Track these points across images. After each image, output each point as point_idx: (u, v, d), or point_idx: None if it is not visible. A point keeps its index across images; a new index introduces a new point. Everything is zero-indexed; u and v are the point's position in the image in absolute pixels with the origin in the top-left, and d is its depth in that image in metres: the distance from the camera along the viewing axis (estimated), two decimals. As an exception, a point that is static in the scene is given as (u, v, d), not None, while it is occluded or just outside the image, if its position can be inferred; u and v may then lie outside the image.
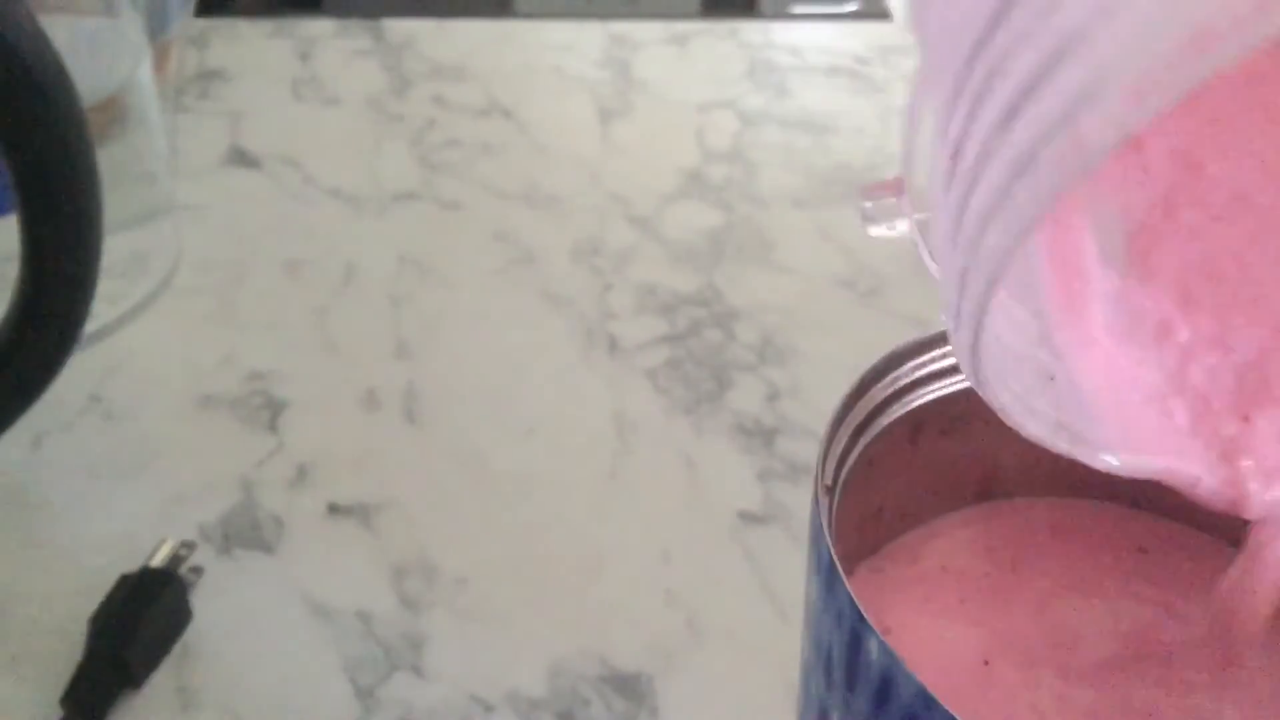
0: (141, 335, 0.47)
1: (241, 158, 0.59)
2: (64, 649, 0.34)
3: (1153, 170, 0.19)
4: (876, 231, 0.19)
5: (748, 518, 0.40)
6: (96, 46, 0.45)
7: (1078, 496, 0.27)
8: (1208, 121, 0.18)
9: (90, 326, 0.37)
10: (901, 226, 0.19)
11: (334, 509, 0.40)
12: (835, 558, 0.20)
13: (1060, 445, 0.20)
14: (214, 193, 0.56)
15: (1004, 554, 0.26)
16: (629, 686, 0.35)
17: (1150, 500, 0.27)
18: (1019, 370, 0.19)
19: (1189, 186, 0.19)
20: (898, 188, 0.18)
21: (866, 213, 0.19)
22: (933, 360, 0.25)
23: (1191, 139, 0.19)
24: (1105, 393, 0.20)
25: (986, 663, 0.23)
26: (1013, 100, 0.15)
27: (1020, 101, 0.15)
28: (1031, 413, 0.19)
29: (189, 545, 0.37)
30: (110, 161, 0.37)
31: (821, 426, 0.23)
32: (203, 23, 0.70)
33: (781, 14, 0.75)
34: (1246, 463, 0.20)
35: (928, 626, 0.24)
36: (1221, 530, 0.27)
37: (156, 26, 0.47)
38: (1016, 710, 0.23)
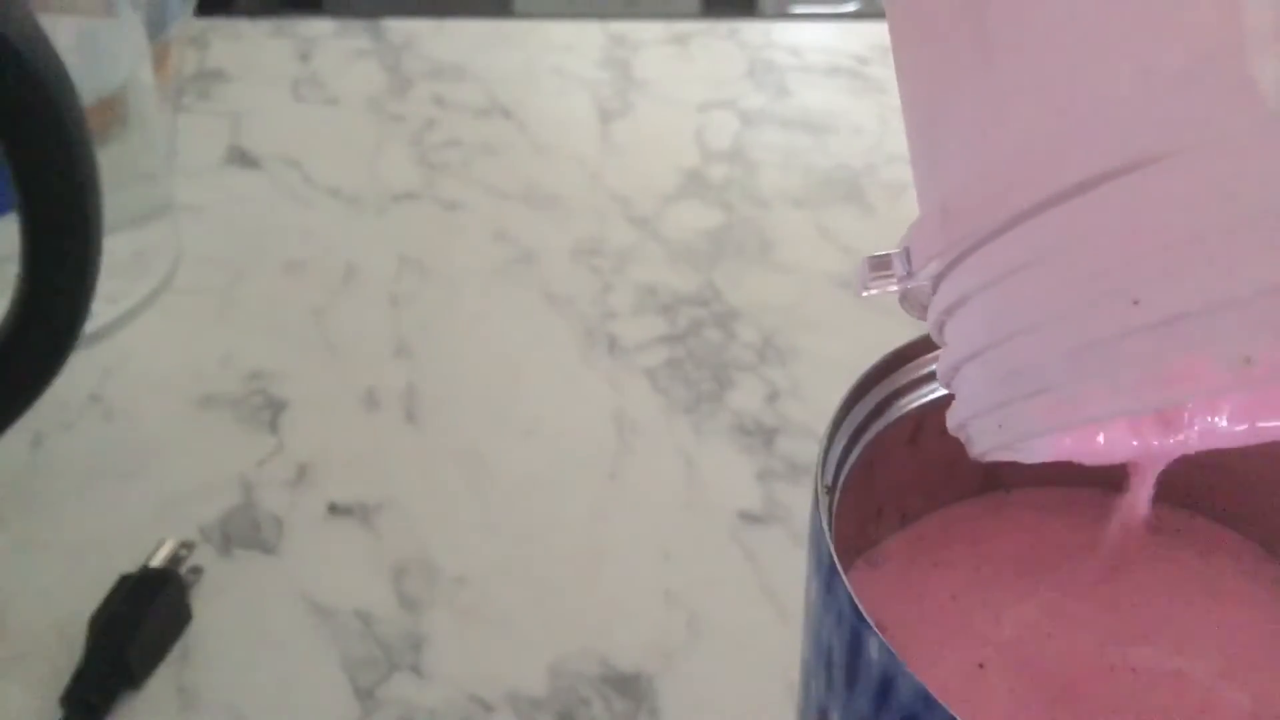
0: (141, 335, 0.47)
1: (241, 158, 0.59)
2: (64, 649, 0.35)
3: None
4: (865, 293, 0.21)
5: (748, 518, 0.40)
6: (96, 46, 0.45)
7: (1078, 486, 0.27)
8: None
9: (90, 326, 0.37)
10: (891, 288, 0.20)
11: (334, 509, 0.40)
12: (835, 558, 0.20)
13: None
14: (214, 193, 0.56)
15: (996, 548, 0.26)
16: (629, 686, 0.35)
17: (1159, 489, 0.27)
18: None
19: None
20: (891, 266, 0.20)
21: (861, 275, 0.20)
22: (933, 360, 0.25)
23: None
24: None
25: (981, 666, 0.23)
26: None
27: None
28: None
29: (189, 545, 0.37)
30: (110, 161, 0.37)
31: (821, 426, 0.23)
32: (203, 23, 0.70)
33: (781, 14, 0.75)
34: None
35: (922, 624, 0.24)
36: (1231, 519, 0.27)
37: (156, 26, 0.47)
38: (1012, 708, 0.23)
